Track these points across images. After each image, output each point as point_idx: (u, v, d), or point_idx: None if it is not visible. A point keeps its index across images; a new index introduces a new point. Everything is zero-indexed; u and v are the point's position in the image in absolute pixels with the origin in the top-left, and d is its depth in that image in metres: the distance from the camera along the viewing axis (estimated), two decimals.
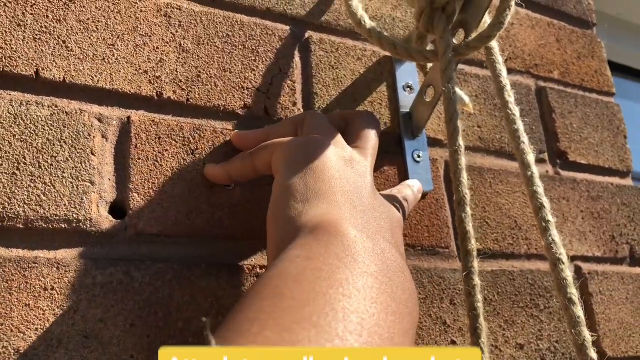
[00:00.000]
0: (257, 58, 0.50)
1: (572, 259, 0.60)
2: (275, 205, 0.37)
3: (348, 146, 0.42)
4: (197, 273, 0.41)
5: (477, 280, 0.44)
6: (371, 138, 0.44)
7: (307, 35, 0.53)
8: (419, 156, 0.54)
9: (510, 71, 0.66)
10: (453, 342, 0.49)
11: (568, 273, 0.40)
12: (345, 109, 0.53)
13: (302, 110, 0.50)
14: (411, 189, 0.48)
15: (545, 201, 0.43)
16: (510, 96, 0.48)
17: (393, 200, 0.44)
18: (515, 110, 0.47)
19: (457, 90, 0.56)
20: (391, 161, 0.53)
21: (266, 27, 0.51)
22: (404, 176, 0.53)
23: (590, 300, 0.59)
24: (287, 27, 0.53)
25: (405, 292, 0.34)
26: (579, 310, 0.39)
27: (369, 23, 0.49)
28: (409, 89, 0.57)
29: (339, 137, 0.42)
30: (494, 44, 0.50)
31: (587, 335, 0.38)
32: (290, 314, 0.27)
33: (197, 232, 0.42)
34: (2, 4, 0.40)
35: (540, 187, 0.43)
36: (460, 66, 0.62)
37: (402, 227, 0.42)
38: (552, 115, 0.66)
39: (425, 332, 0.49)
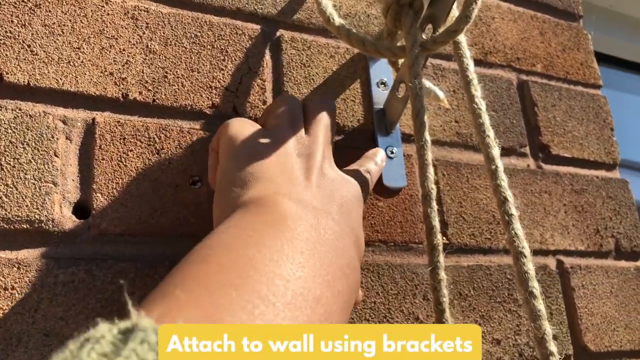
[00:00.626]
0: (226, 57, 0.50)
1: (554, 253, 0.60)
2: (218, 191, 0.38)
3: (299, 130, 0.42)
4: (161, 271, 0.42)
5: (442, 275, 0.44)
6: (321, 118, 0.43)
7: (278, 34, 0.54)
8: (392, 152, 0.54)
9: (490, 65, 0.66)
10: None
11: (530, 266, 0.40)
12: None
13: None
14: (374, 161, 0.48)
15: (509, 194, 0.43)
16: (477, 90, 0.47)
17: (354, 174, 0.44)
18: (481, 105, 0.47)
19: (431, 85, 0.57)
20: None
21: (236, 26, 0.52)
22: None
23: (573, 294, 0.59)
24: (258, 27, 0.53)
25: (341, 260, 0.34)
26: (540, 304, 0.39)
27: (337, 20, 0.49)
28: (382, 85, 0.57)
29: (289, 121, 0.42)
30: (462, 38, 0.50)
31: (548, 328, 0.38)
32: (215, 277, 0.28)
33: (162, 231, 0.43)
34: None
35: (504, 181, 0.43)
36: (438, 61, 0.62)
37: (360, 202, 0.42)
38: (534, 108, 0.66)
39: None
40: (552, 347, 0.38)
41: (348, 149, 0.53)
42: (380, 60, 0.57)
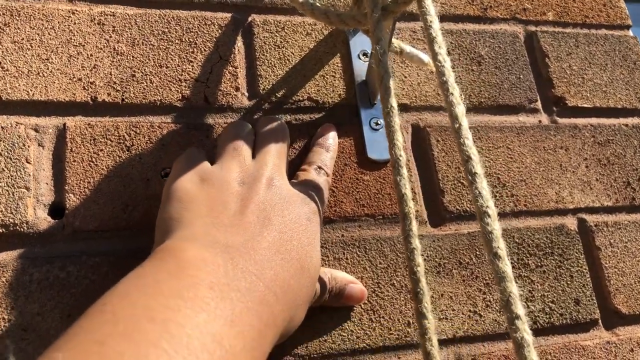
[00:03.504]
0: (195, 49, 0.51)
1: (574, 211, 0.55)
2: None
3: (243, 158, 0.42)
4: (134, 264, 0.43)
5: (416, 243, 0.42)
6: (270, 139, 0.44)
7: (250, 19, 0.54)
8: (377, 123, 0.52)
9: (491, 21, 0.62)
10: None
11: (495, 226, 0.37)
12: (294, 86, 0.52)
13: (246, 95, 0.51)
14: (324, 149, 0.48)
15: (474, 153, 0.40)
16: (441, 47, 0.45)
17: (306, 187, 0.43)
18: (445, 62, 0.44)
19: (413, 50, 0.54)
20: (347, 132, 0.52)
21: (205, 17, 0.52)
22: (360, 145, 0.52)
23: (598, 254, 0.54)
24: (229, 15, 0.53)
25: (253, 295, 0.34)
26: (505, 265, 0.36)
27: None
28: (364, 56, 0.55)
29: (233, 151, 0.42)
30: None
31: (514, 290, 0.35)
32: (107, 329, 0.28)
33: (134, 225, 0.44)
34: None
35: (468, 139, 0.41)
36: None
37: (310, 221, 0.41)
38: (545, 60, 0.61)
39: (389, 301, 0.47)
40: (519, 309, 0.35)
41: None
42: (359, 31, 0.56)
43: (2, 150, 0.43)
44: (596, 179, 0.57)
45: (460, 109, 0.43)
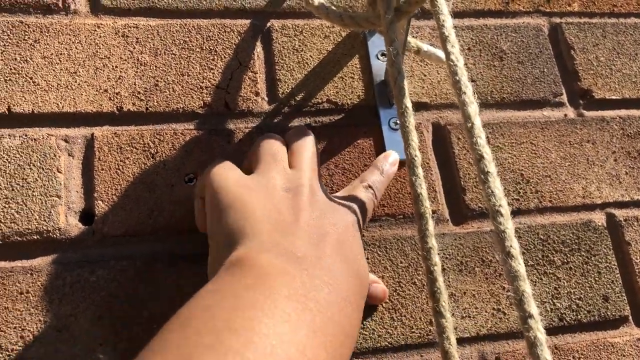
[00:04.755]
0: (216, 57, 0.52)
1: (602, 206, 0.54)
2: (210, 244, 0.40)
3: (282, 166, 0.42)
4: (159, 267, 0.45)
5: (432, 243, 0.42)
6: (304, 148, 0.44)
7: (268, 24, 0.55)
8: (396, 123, 0.53)
9: (514, 14, 0.61)
10: None
11: (508, 225, 0.37)
12: (313, 89, 0.53)
13: (265, 100, 0.52)
14: (379, 169, 0.47)
15: (486, 152, 0.40)
16: (454, 46, 0.45)
17: (349, 196, 0.44)
18: (458, 61, 0.44)
19: (430, 48, 0.54)
20: (366, 133, 0.52)
21: (224, 25, 0.54)
22: (380, 146, 0.52)
23: (628, 249, 0.53)
24: (247, 21, 0.54)
25: (332, 306, 0.34)
26: (518, 264, 0.36)
27: (317, 0, 0.49)
28: (383, 56, 0.55)
29: (271, 159, 0.42)
30: None
31: (527, 288, 0.35)
32: (192, 342, 0.29)
33: (160, 229, 0.46)
34: None
35: (480, 138, 0.40)
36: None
37: (355, 228, 0.41)
38: (570, 52, 0.60)
39: (410, 300, 0.47)
40: (532, 308, 0.35)
41: (349, 127, 0.52)
42: (377, 32, 0.56)
43: (34, 161, 0.46)
44: (625, 173, 0.56)
45: (473, 108, 0.43)
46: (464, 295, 0.49)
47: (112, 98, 0.49)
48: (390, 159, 0.49)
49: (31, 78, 0.48)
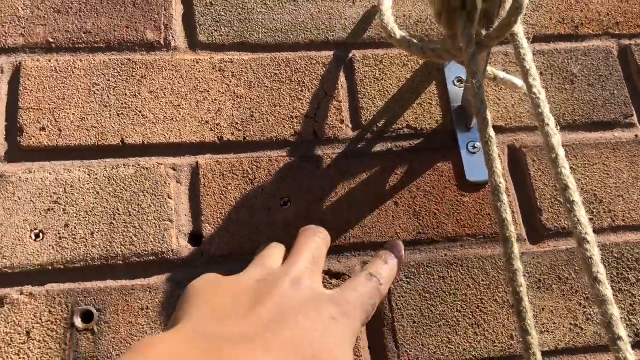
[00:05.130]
0: (304, 88, 0.56)
1: None
2: None
3: (270, 262, 0.42)
4: None
5: (517, 265, 0.45)
6: (302, 246, 0.43)
7: (350, 55, 0.58)
8: (474, 147, 0.56)
9: (583, 38, 0.63)
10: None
11: (594, 252, 0.40)
12: (392, 115, 0.56)
13: (350, 127, 0.56)
14: (382, 260, 0.45)
15: (571, 182, 0.43)
16: (535, 79, 0.47)
17: (345, 289, 0.41)
18: (540, 94, 0.47)
19: (506, 75, 0.57)
20: (445, 157, 0.55)
21: (310, 57, 0.58)
22: (459, 169, 0.55)
23: None
24: (331, 53, 0.58)
25: None
26: (605, 289, 0.39)
27: (399, 34, 0.53)
28: (460, 82, 0.58)
29: (256, 263, 0.42)
30: (518, 29, 0.50)
31: (615, 312, 0.38)
32: None
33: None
34: (92, 92, 0.53)
35: (565, 169, 0.43)
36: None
37: (337, 317, 0.37)
38: None
39: (492, 316, 0.50)
40: (621, 331, 0.38)
41: (428, 151, 0.56)
42: None
43: (148, 188, 0.50)
44: None
45: (556, 139, 0.45)
46: (542, 311, 0.51)
47: (213, 129, 0.53)
48: (395, 251, 0.47)
49: (140, 112, 0.53)
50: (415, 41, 0.52)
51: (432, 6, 0.52)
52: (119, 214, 0.49)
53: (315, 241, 0.44)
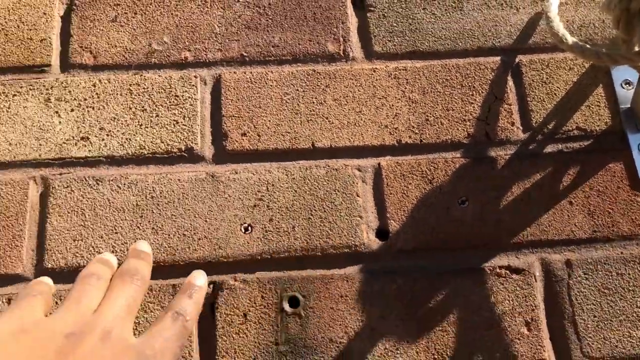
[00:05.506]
0: (474, 92, 0.59)
1: None
2: None
3: (79, 311, 0.39)
4: (446, 277, 0.53)
5: None
6: (119, 290, 0.41)
7: (517, 60, 0.61)
8: None
9: None
10: None
11: None
12: (561, 118, 0.59)
13: (520, 129, 0.58)
14: (186, 295, 0.44)
15: None
16: None
17: (152, 337, 0.40)
18: None
19: None
20: (615, 157, 0.57)
21: (479, 63, 0.61)
22: (632, 170, 0.56)
23: None
24: (498, 58, 0.61)
25: None
26: None
27: (570, 39, 0.55)
28: (627, 85, 0.60)
29: (68, 305, 0.40)
30: None
31: None
32: None
33: (442, 245, 0.54)
34: (284, 101, 0.58)
35: None
36: None
37: None
38: None
39: None
40: None
41: (599, 152, 0.57)
42: None
43: (338, 187, 0.56)
44: None
45: None
46: None
47: (392, 132, 0.58)
48: (198, 280, 0.46)
49: (327, 118, 0.58)
50: (588, 46, 0.54)
51: (609, 13, 0.53)
52: (315, 210, 0.55)
53: (131, 288, 0.42)
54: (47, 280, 0.45)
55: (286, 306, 0.52)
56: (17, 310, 0.38)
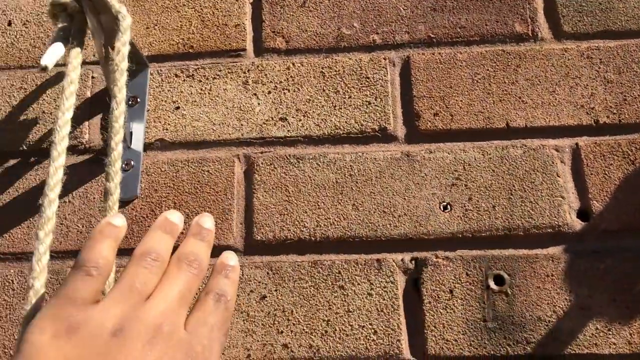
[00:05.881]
0: None
1: None
2: None
3: (131, 304, 0.36)
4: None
5: None
6: (173, 278, 0.39)
7: None
8: None
9: None
10: None
11: None
12: None
13: None
14: (222, 275, 0.41)
15: None
16: None
17: (197, 325, 0.37)
18: None
19: None
20: None
21: None
22: None
23: None
24: None
25: None
26: None
27: None
28: None
29: (119, 297, 0.36)
30: None
31: None
32: None
33: None
34: (475, 81, 0.59)
35: None
36: None
37: None
38: None
39: None
40: None
41: None
42: None
43: (537, 167, 0.55)
44: None
45: None
46: None
47: (588, 112, 0.57)
48: (231, 262, 0.42)
49: (520, 97, 0.58)
50: None
51: None
52: (514, 190, 0.55)
53: (187, 276, 0.39)
54: (117, 222, 0.40)
55: (492, 284, 0.52)
56: (63, 295, 0.36)
